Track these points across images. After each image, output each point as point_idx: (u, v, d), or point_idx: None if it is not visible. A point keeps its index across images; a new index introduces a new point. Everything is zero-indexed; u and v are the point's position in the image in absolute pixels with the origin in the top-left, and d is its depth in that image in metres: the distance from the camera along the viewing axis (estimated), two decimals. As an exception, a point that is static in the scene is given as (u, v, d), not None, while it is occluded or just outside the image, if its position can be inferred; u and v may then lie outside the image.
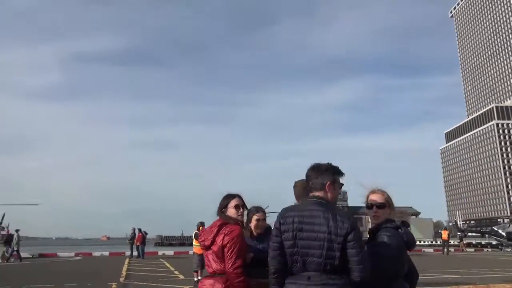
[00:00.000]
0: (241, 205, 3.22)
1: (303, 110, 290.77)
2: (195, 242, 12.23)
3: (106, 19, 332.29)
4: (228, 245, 3.02)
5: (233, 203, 3.23)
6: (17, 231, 22.82)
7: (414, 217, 61.70)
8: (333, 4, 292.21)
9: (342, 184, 2.69)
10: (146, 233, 26.17)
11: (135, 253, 24.61)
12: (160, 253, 30.31)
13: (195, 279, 11.51)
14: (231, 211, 3.19)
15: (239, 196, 3.28)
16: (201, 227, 11.29)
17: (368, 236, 2.78)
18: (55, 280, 12.75)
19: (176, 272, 15.06)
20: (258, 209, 3.63)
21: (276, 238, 2.46)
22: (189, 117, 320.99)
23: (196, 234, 12.10)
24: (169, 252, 30.96)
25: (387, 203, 2.77)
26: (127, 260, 21.51)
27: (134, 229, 25.32)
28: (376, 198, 2.79)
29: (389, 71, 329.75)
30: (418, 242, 36.26)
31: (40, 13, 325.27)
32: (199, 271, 11.49)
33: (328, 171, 2.62)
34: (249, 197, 3.34)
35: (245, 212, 3.30)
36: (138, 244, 24.26)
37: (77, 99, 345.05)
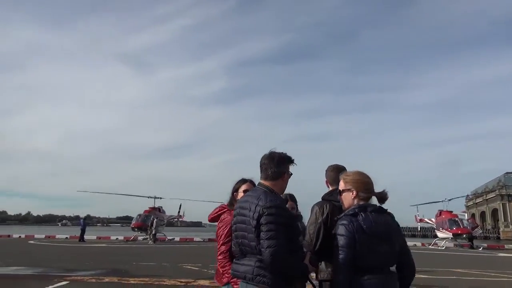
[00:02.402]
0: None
1: (475, 86, 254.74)
2: None
3: (259, 24, 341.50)
4: (218, 232, 3.32)
5: (243, 187, 3.37)
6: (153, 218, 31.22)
7: None
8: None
9: (291, 174, 2.85)
10: None
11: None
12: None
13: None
14: (240, 196, 3.31)
15: (251, 181, 3.39)
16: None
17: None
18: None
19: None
20: (288, 197, 3.68)
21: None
22: (345, 107, 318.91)
23: None
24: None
25: (347, 189, 2.71)
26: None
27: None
28: (340, 184, 2.80)
29: None
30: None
31: (203, 29, 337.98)
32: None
33: (285, 161, 2.79)
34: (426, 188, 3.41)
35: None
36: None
37: (242, 100, 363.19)
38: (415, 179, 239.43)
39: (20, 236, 35.74)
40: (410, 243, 35.09)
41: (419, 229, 61.69)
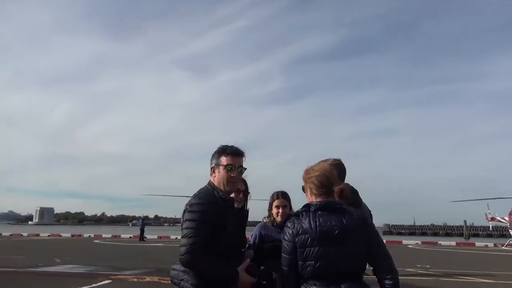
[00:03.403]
0: (241, 190, 2.98)
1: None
2: None
3: (314, 20, 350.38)
4: None
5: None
6: None
7: None
8: None
9: (242, 167, 2.53)
10: None
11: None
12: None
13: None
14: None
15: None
16: None
17: None
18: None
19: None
20: (279, 195, 3.38)
21: None
22: (408, 101, 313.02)
23: None
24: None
25: (304, 187, 2.44)
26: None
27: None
28: None
29: None
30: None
31: (259, 30, 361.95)
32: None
33: (216, 154, 2.54)
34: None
35: (248, 197, 3.07)
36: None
37: (300, 99, 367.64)
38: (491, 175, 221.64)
39: (89, 236, 38.22)
40: (480, 243, 32.53)
41: (490, 228, 56.90)
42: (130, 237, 35.68)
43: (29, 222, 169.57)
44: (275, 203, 3.36)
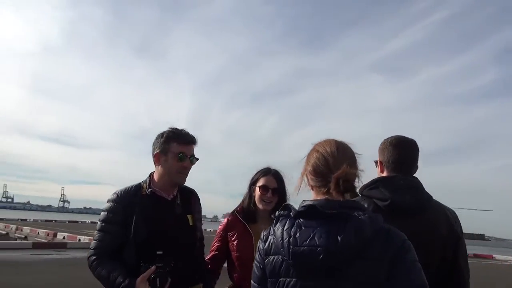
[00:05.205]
0: (271, 188, 2.37)
1: None
2: None
3: None
4: None
5: (261, 181, 2.41)
6: None
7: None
8: None
9: (181, 153, 2.10)
10: None
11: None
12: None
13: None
14: (257, 192, 2.42)
15: (274, 173, 2.44)
16: None
17: None
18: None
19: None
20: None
21: None
22: None
23: None
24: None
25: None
26: None
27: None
28: None
29: None
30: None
31: (461, 19, 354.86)
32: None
33: (159, 139, 2.14)
34: None
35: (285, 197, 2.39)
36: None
37: None
38: None
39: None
40: None
41: None
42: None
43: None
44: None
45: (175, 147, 2.10)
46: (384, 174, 1.88)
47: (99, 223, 2.09)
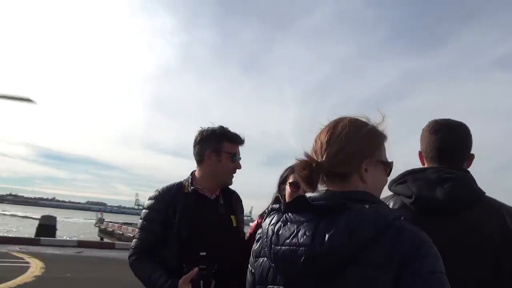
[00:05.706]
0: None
1: None
2: None
3: None
4: None
5: (290, 178, 2.22)
6: None
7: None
8: None
9: (234, 154, 2.05)
10: None
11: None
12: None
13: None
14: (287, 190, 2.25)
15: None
16: None
17: None
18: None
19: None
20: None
21: None
22: None
23: None
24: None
25: None
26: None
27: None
28: None
29: None
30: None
31: None
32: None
33: (211, 138, 2.03)
34: None
35: None
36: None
37: None
38: None
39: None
40: None
41: None
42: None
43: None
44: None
45: (229, 147, 2.03)
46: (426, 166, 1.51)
47: (140, 221, 2.03)
